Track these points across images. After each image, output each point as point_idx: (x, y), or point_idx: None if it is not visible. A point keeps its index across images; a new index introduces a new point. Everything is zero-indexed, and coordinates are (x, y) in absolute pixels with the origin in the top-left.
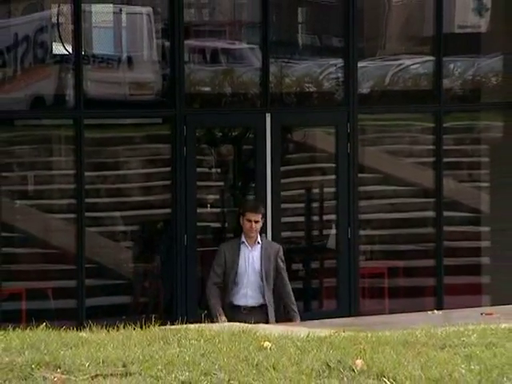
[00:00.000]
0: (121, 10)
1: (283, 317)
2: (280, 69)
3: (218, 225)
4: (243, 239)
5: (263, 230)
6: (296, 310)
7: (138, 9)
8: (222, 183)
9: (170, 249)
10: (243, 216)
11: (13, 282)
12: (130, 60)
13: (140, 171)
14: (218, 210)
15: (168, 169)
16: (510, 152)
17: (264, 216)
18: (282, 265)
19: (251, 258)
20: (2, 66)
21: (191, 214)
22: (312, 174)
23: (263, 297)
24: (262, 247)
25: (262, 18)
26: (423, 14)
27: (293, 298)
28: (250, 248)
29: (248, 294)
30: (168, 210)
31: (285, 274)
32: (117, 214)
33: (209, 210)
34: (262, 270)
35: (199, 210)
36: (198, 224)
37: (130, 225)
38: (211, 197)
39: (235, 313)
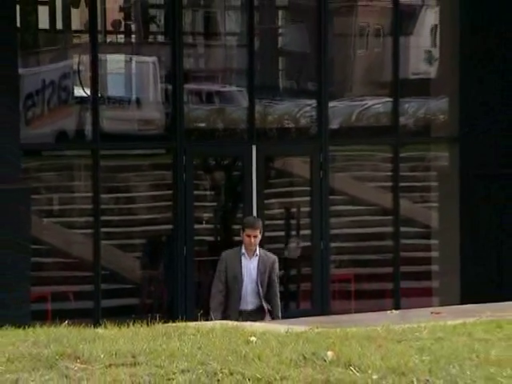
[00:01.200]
0: (131, 59)
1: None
2: (264, 108)
3: (212, 238)
4: (243, 251)
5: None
6: (278, 315)
7: (145, 58)
8: (215, 203)
9: (171, 258)
10: (243, 232)
11: (40, 286)
12: (138, 101)
13: (146, 193)
14: (212, 226)
15: (170, 191)
16: (454, 178)
17: (261, 232)
18: (273, 276)
19: (249, 268)
20: (32, 105)
21: (189, 229)
22: (290, 195)
23: (260, 301)
24: (259, 259)
25: (249, 65)
26: (383, 62)
27: (278, 309)
28: (248, 259)
29: (247, 299)
30: (170, 226)
31: (275, 285)
32: (127, 229)
33: (204, 225)
34: (257, 279)
35: (196, 226)
36: (195, 238)
37: (138, 238)
38: (206, 215)
39: (236, 316)
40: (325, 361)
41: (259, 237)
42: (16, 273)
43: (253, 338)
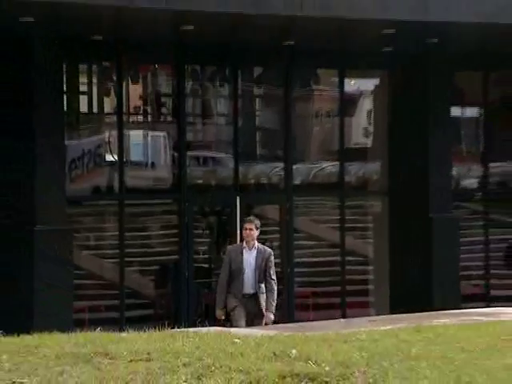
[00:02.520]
0: (147, 134)
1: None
2: (245, 169)
3: (207, 265)
4: (244, 245)
5: None
6: (274, 302)
7: (158, 133)
8: (209, 239)
9: (177, 280)
10: (243, 227)
11: (80, 301)
12: (152, 164)
13: (158, 232)
14: (207, 255)
15: (176, 231)
16: (384, 220)
17: (258, 228)
18: (269, 265)
19: (249, 259)
20: (75, 168)
21: (190, 258)
22: (265, 233)
23: (258, 286)
24: (257, 252)
25: (234, 138)
26: (333, 136)
27: (275, 293)
28: (248, 252)
29: (247, 285)
30: (176, 256)
31: (273, 273)
32: (144, 258)
33: (201, 256)
34: (255, 267)
35: (195, 256)
36: (195, 265)
37: (152, 265)
38: (203, 248)
39: (238, 298)
40: (290, 357)
41: (255, 231)
42: (62, 291)
43: (237, 340)
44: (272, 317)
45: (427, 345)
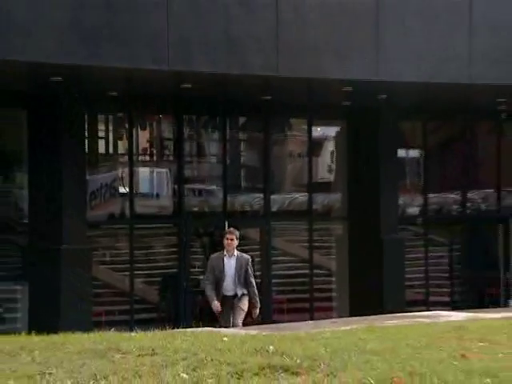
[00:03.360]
0: (153, 170)
1: (250, 303)
2: (232, 199)
3: (201, 277)
4: (225, 253)
5: None
6: (257, 299)
7: (161, 169)
8: (202, 256)
9: (177, 289)
10: (224, 237)
11: (98, 306)
12: (157, 195)
13: (161, 250)
14: (201, 269)
15: (176, 249)
16: (344, 240)
17: (237, 238)
18: (249, 270)
19: (229, 265)
20: (94, 198)
21: (187, 271)
22: (248, 251)
23: (238, 290)
24: (236, 258)
25: (223, 174)
26: (303, 172)
27: (255, 292)
28: (229, 258)
29: (228, 288)
30: (176, 270)
31: (250, 276)
32: (150, 271)
33: (196, 269)
34: (235, 273)
35: (191, 270)
36: (191, 276)
37: (156, 277)
38: (197, 262)
39: (221, 299)
40: (268, 352)
41: (235, 241)
42: (83, 298)
43: (225, 338)
44: (257, 311)
45: (379, 342)
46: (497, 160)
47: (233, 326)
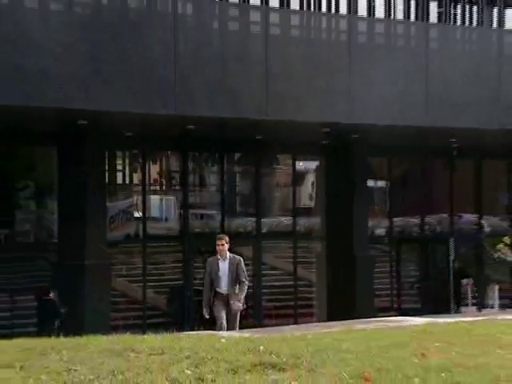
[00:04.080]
0: (162, 198)
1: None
2: (229, 222)
3: (201, 288)
4: (218, 256)
5: None
6: (242, 296)
7: (169, 197)
8: (204, 270)
9: (182, 298)
10: (216, 243)
11: (116, 312)
12: (166, 219)
13: (169, 265)
14: (202, 281)
15: (181, 264)
16: (323, 257)
17: (227, 242)
18: (239, 270)
19: (223, 267)
20: (113, 221)
21: (191, 282)
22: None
23: (232, 287)
24: (229, 261)
25: (221, 201)
26: (288, 199)
27: (243, 289)
28: (222, 261)
29: (222, 286)
30: (181, 282)
31: (241, 275)
32: (159, 282)
33: (198, 281)
34: (229, 274)
35: (194, 281)
36: (194, 287)
37: (165, 288)
38: (199, 276)
39: (217, 296)
40: (259, 351)
41: (226, 245)
42: (103, 306)
43: (222, 340)
44: (239, 305)
45: (352, 343)
46: (449, 190)
47: (228, 324)
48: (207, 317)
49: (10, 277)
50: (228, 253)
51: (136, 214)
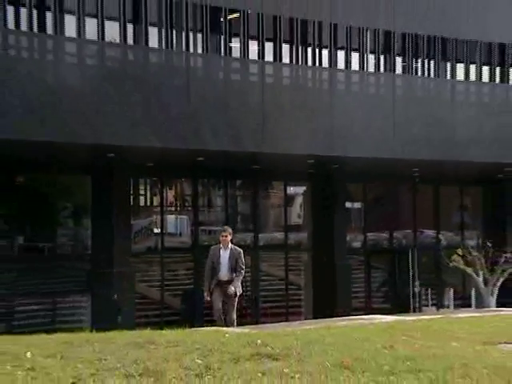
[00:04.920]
0: (177, 217)
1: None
2: (232, 236)
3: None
4: (221, 246)
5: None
6: (239, 284)
7: (183, 216)
8: None
9: (193, 299)
10: (220, 234)
11: (139, 312)
12: (180, 234)
13: (182, 272)
14: None
15: (192, 271)
16: (309, 264)
17: (230, 234)
18: (239, 261)
19: (225, 255)
20: (136, 236)
21: (200, 287)
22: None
23: (231, 275)
24: (230, 250)
25: (225, 218)
26: (280, 218)
27: (239, 277)
28: (224, 250)
29: (223, 273)
30: (192, 286)
31: (239, 265)
32: (175, 286)
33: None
34: (229, 262)
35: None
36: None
37: (179, 291)
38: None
39: (218, 282)
40: (257, 344)
41: (229, 237)
42: (128, 306)
43: (226, 335)
44: (233, 289)
45: (333, 337)
46: (412, 210)
47: (227, 316)
48: (208, 299)
49: (52, 282)
50: (230, 243)
51: (155, 230)
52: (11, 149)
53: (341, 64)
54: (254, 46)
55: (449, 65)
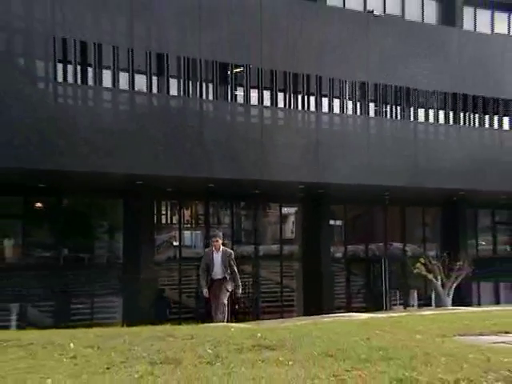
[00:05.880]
0: (192, 232)
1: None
2: (237, 247)
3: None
4: (213, 249)
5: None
6: (239, 283)
7: (197, 232)
8: None
9: (205, 300)
10: (211, 239)
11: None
12: (194, 246)
13: (195, 278)
14: None
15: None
16: (300, 271)
17: (221, 238)
18: (232, 262)
19: (217, 257)
20: (159, 248)
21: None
22: (245, 278)
23: (223, 274)
24: (222, 253)
25: (231, 233)
26: (276, 233)
27: (236, 277)
28: (216, 253)
29: (217, 273)
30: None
31: (232, 266)
32: (188, 289)
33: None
34: (221, 263)
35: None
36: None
37: (193, 293)
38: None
39: (212, 281)
40: (257, 337)
41: (219, 241)
42: (152, 306)
43: (232, 329)
44: (240, 291)
45: (320, 331)
46: (384, 227)
47: (219, 302)
48: (206, 296)
49: (90, 285)
50: (222, 246)
51: (174, 243)
52: (59, 176)
53: (325, 108)
54: (254, 94)
55: (412, 109)
